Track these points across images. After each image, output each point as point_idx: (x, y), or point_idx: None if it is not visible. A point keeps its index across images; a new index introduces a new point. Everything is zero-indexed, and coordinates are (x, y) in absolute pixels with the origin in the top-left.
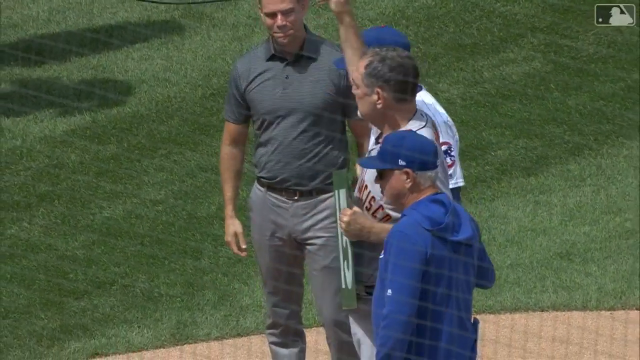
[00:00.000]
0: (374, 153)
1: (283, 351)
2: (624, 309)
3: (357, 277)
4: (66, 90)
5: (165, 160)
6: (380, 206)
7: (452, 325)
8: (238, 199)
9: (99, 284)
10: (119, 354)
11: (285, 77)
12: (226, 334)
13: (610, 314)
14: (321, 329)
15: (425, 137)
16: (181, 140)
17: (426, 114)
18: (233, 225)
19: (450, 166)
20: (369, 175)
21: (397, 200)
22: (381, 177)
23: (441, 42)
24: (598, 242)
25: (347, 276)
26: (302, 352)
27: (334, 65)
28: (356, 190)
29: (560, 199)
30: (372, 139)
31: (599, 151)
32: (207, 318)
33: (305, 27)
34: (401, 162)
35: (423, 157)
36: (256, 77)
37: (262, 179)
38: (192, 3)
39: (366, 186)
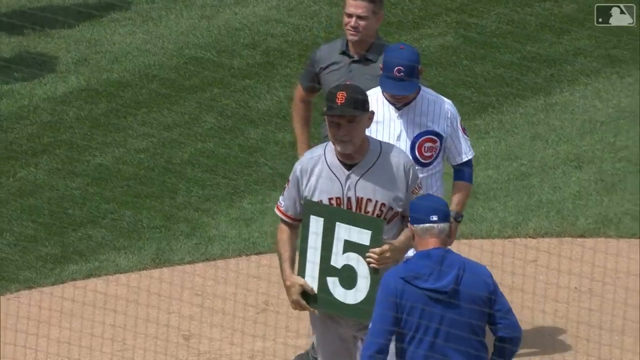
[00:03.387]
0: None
1: None
2: (519, 237)
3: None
4: (65, 59)
5: (146, 117)
6: (390, 207)
7: None
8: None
9: (93, 218)
10: (109, 274)
11: (349, 72)
12: (196, 259)
13: (509, 241)
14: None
15: (429, 200)
16: (159, 101)
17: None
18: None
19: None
20: (369, 191)
21: (414, 248)
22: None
23: None
24: (499, 183)
25: (352, 295)
26: None
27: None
28: (344, 206)
29: None
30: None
31: (500, 109)
32: (181, 246)
33: (377, 35)
34: (410, 218)
35: (416, 214)
36: (330, 64)
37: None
38: None
39: (369, 199)
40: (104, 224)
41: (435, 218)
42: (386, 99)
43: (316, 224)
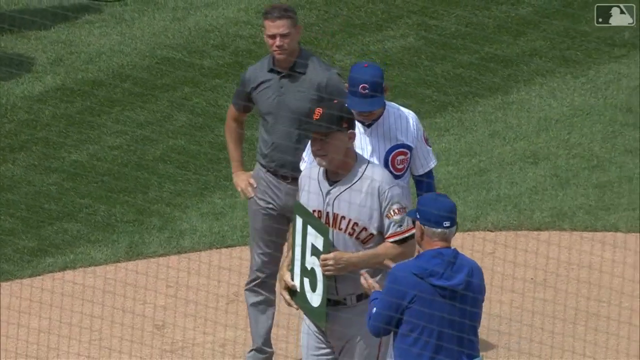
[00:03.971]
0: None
1: (259, 313)
2: (478, 230)
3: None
4: (41, 60)
5: (120, 115)
6: (364, 228)
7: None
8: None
9: (68, 213)
10: (84, 267)
11: (280, 87)
12: (168, 252)
13: (468, 234)
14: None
15: (444, 202)
16: (133, 99)
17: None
18: (244, 175)
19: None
20: (344, 209)
21: (418, 243)
22: (413, 222)
23: (337, 22)
24: (459, 179)
25: (315, 298)
26: (273, 313)
27: (318, 79)
28: (323, 219)
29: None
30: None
31: (459, 108)
32: (153, 239)
33: (300, 47)
34: (418, 215)
35: (430, 219)
36: (260, 83)
37: (263, 163)
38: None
39: (343, 217)
40: (79, 218)
41: (448, 224)
42: (355, 117)
43: (299, 225)
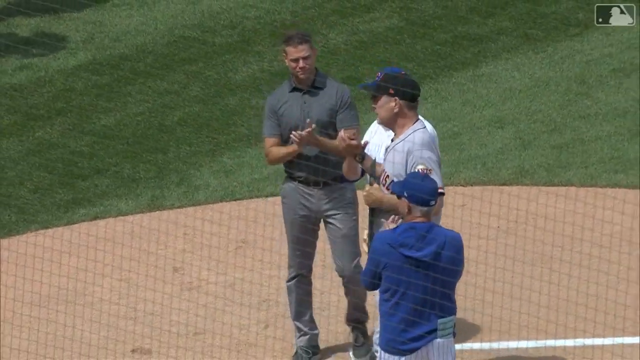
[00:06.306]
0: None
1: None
2: (452, 186)
3: None
4: (74, 38)
5: (142, 86)
6: (392, 180)
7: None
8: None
9: (98, 170)
10: (112, 217)
11: (304, 102)
12: (184, 204)
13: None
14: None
15: (430, 183)
16: (154, 73)
17: (425, 123)
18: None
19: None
20: (386, 163)
21: (403, 215)
22: (398, 197)
23: (330, 6)
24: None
25: None
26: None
27: (334, 90)
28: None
29: None
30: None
31: (436, 79)
32: (171, 193)
33: (315, 67)
34: (405, 194)
35: (418, 195)
36: (284, 104)
37: (294, 176)
38: None
39: (384, 169)
40: (107, 175)
41: (433, 203)
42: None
43: None
